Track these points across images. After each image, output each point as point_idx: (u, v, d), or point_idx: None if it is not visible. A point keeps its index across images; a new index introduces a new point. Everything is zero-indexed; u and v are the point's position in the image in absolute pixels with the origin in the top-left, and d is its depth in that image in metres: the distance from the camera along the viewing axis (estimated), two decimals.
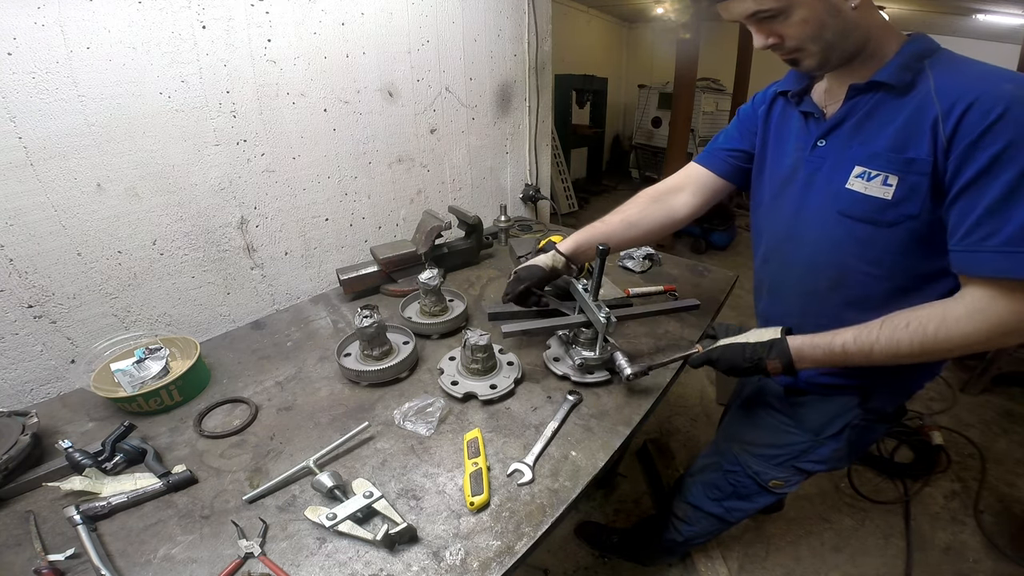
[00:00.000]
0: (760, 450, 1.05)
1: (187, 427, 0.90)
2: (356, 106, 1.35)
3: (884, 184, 0.71)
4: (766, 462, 1.04)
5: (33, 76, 0.85)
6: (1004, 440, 2.14)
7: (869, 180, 0.72)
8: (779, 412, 1.01)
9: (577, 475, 0.79)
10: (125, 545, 0.68)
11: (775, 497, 1.10)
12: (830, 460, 0.98)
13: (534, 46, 1.82)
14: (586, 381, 0.98)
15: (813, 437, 0.96)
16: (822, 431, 0.95)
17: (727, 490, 1.14)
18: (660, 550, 1.44)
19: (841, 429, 0.93)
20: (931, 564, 1.62)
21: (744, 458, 1.08)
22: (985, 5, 3.87)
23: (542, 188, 2.12)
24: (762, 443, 1.05)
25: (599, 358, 0.97)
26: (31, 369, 0.99)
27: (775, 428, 1.02)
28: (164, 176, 1.06)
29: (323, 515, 0.67)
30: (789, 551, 1.67)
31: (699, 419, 2.26)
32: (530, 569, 1.56)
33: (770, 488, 1.06)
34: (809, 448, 0.97)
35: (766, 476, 1.05)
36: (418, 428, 0.87)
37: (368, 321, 0.96)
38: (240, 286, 1.27)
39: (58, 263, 0.97)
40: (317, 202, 1.36)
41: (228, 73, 1.08)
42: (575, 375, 0.99)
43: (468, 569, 0.64)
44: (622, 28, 7.37)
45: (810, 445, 0.97)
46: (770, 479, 1.04)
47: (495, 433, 0.87)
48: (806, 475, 1.02)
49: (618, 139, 7.75)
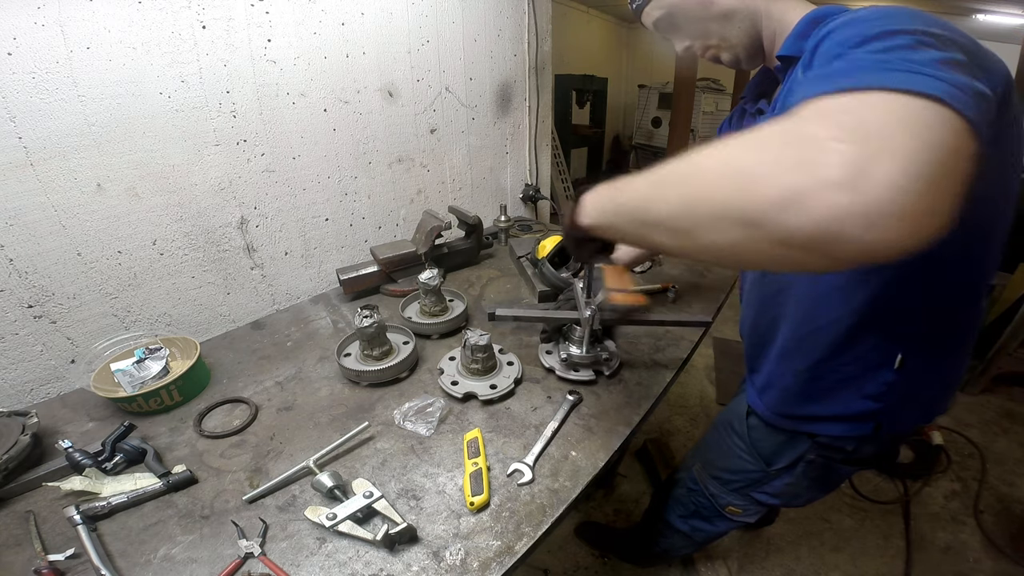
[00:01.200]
0: (717, 472, 1.01)
1: (187, 427, 0.90)
2: (356, 106, 1.35)
3: None
4: (722, 486, 1.00)
5: (33, 76, 0.85)
6: (1004, 440, 2.14)
7: None
8: (736, 435, 0.95)
9: (577, 475, 0.79)
10: (125, 545, 0.68)
11: (734, 524, 1.05)
12: (784, 495, 0.91)
13: (534, 46, 1.82)
14: (569, 377, 0.98)
15: (765, 467, 0.90)
16: (772, 461, 0.88)
17: (690, 508, 1.11)
18: (653, 555, 1.44)
19: (793, 462, 0.85)
20: (931, 564, 1.62)
21: (704, 478, 1.05)
22: (985, 5, 3.87)
23: (542, 188, 2.12)
24: (719, 465, 1.01)
25: (584, 356, 0.98)
26: (31, 369, 0.99)
27: (731, 451, 0.97)
28: (164, 176, 1.06)
29: (323, 515, 0.67)
30: (789, 551, 1.67)
31: (699, 419, 2.26)
32: (530, 569, 1.56)
33: (727, 514, 1.02)
34: (761, 479, 0.92)
35: (723, 500, 1.01)
36: (418, 428, 0.87)
37: (368, 321, 0.96)
38: (240, 286, 1.27)
39: (58, 263, 0.97)
40: (317, 202, 1.36)
41: (228, 73, 1.08)
42: (560, 370, 0.99)
43: (468, 569, 0.64)
44: (622, 28, 7.37)
45: (762, 475, 0.91)
46: (726, 504, 1.01)
47: (495, 433, 0.87)
48: (764, 507, 0.97)
49: (618, 139, 7.75)
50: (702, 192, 0.39)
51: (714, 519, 1.07)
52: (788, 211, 0.32)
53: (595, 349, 0.99)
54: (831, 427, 0.78)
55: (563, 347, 1.02)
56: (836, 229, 0.31)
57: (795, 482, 0.88)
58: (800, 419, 0.82)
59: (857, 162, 0.30)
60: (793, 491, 0.90)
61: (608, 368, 0.99)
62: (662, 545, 1.29)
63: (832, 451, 0.81)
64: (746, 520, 1.03)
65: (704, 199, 0.39)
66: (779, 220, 0.33)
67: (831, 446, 0.80)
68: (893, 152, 0.30)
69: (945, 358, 0.71)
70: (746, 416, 0.92)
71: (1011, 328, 2.20)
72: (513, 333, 1.18)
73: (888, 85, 0.34)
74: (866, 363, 0.70)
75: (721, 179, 0.37)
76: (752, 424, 0.91)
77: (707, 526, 1.10)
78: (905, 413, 0.75)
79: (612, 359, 1.02)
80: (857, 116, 0.33)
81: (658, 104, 6.41)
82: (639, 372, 1.03)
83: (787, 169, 0.33)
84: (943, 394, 0.75)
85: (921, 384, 0.71)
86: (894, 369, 0.68)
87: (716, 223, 0.37)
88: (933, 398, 0.75)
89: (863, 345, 0.69)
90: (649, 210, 0.45)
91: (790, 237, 0.33)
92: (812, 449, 0.82)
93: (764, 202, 0.33)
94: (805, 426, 0.81)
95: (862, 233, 0.30)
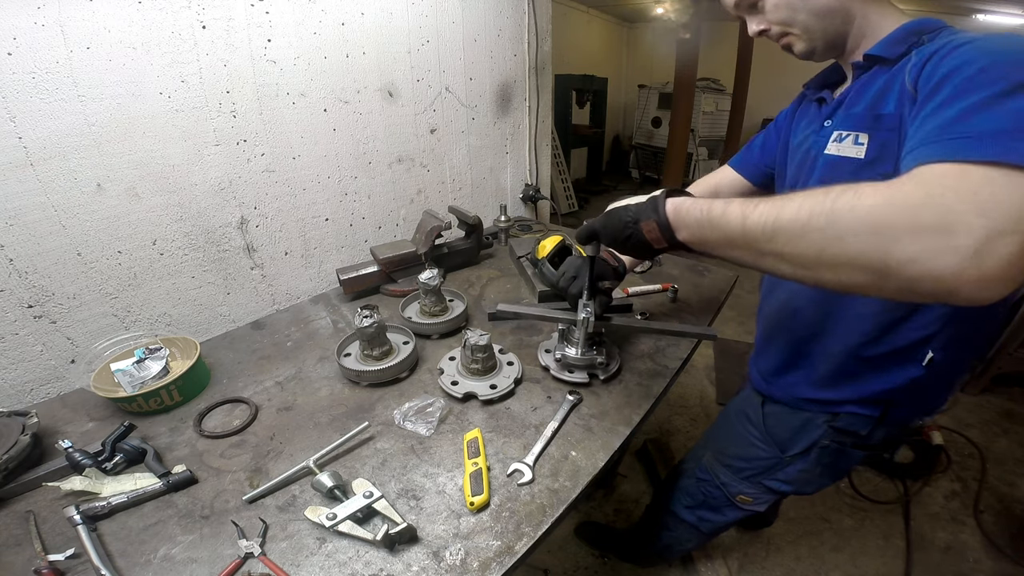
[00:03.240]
0: (729, 460, 1.02)
1: (187, 427, 0.90)
2: (356, 106, 1.35)
3: (856, 144, 0.68)
4: (734, 474, 1.01)
5: (33, 76, 0.85)
6: (1004, 440, 2.14)
7: (841, 141, 0.71)
8: (750, 423, 0.97)
9: (577, 475, 0.79)
10: (125, 545, 0.68)
11: (744, 513, 1.06)
12: (798, 482, 0.93)
13: (534, 46, 1.82)
14: (563, 378, 0.98)
15: (779, 453, 0.92)
16: (787, 447, 0.90)
17: (698, 498, 1.12)
18: (653, 553, 1.44)
19: (808, 448, 0.88)
20: (931, 564, 1.62)
21: (715, 467, 1.06)
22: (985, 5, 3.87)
23: (542, 188, 2.12)
24: (731, 453, 1.02)
25: (579, 358, 0.97)
26: (31, 369, 0.99)
27: (744, 439, 0.98)
28: (164, 176, 1.06)
29: (323, 515, 0.67)
30: (789, 551, 1.67)
31: (699, 419, 2.26)
32: (530, 569, 1.56)
33: (737, 503, 1.03)
34: (775, 465, 0.94)
35: (734, 489, 1.02)
36: (418, 428, 0.87)
37: (368, 321, 0.96)
38: (240, 286, 1.27)
39: (58, 263, 0.97)
40: (317, 202, 1.36)
41: (228, 73, 1.08)
42: (555, 369, 0.99)
43: (468, 569, 0.64)
44: (622, 28, 7.37)
45: (776, 462, 0.93)
46: (737, 493, 1.02)
47: (495, 433, 0.87)
48: (776, 495, 0.99)
49: (618, 139, 7.75)
50: (838, 241, 0.43)
51: (724, 508, 1.07)
52: (918, 267, 0.39)
53: (591, 352, 0.98)
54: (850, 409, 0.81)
55: (560, 347, 1.02)
56: (954, 287, 0.38)
57: (809, 468, 0.90)
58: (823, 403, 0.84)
59: (986, 237, 0.37)
60: (806, 477, 0.92)
61: (604, 372, 0.98)
62: (665, 540, 1.29)
63: (847, 435, 0.83)
64: (756, 509, 1.04)
65: (840, 248, 0.43)
66: (908, 274, 0.40)
67: (846, 431, 0.82)
68: (1015, 231, 0.37)
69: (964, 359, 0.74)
70: (761, 405, 0.94)
71: (1011, 328, 2.20)
72: (513, 333, 1.18)
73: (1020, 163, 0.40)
74: (898, 357, 0.73)
75: (860, 232, 0.42)
76: (768, 412, 0.93)
77: (715, 516, 1.11)
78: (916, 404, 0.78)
79: (610, 363, 1.01)
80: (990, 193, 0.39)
81: (658, 104, 6.42)
82: (639, 372, 1.03)
83: (926, 233, 0.39)
84: (949, 391, 0.79)
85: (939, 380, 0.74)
86: (923, 365, 0.72)
87: (845, 267, 0.43)
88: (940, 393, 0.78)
89: (898, 338, 0.72)
90: (774, 242, 0.49)
91: (913, 288, 0.40)
92: (827, 435, 0.84)
93: (901, 258, 0.40)
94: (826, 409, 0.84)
95: (972, 293, 0.38)
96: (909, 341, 0.72)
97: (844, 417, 0.82)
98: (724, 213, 0.54)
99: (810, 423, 0.86)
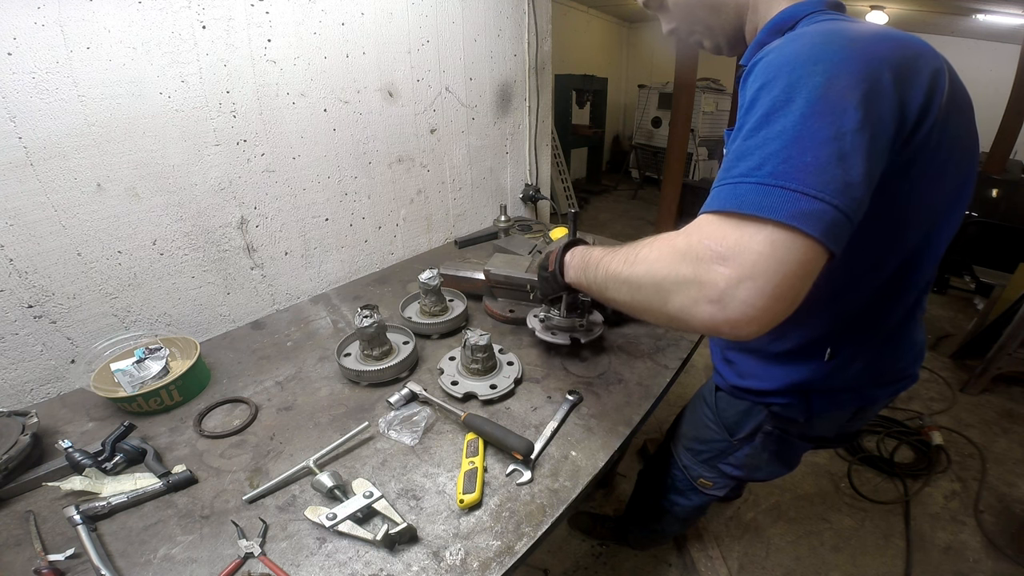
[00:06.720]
0: (689, 443, 1.04)
1: (187, 427, 0.90)
2: (356, 106, 1.35)
3: None
4: (693, 457, 1.03)
5: (33, 76, 0.85)
6: (1004, 440, 2.14)
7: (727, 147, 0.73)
8: (707, 405, 0.99)
9: (577, 475, 0.79)
10: (125, 545, 0.68)
11: (706, 498, 1.07)
12: (747, 467, 0.94)
13: (534, 46, 1.82)
14: (545, 339, 1.04)
15: (729, 437, 0.93)
16: (735, 431, 0.92)
17: (667, 482, 1.14)
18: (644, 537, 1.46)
19: (752, 432, 0.89)
20: (931, 564, 1.62)
21: (677, 450, 1.08)
22: (985, 5, 3.87)
23: (542, 188, 2.12)
24: (691, 436, 1.04)
25: (562, 321, 1.05)
26: (31, 369, 0.99)
27: (701, 422, 1.00)
28: (164, 176, 1.06)
29: (323, 515, 0.67)
30: (789, 551, 1.67)
31: None
32: (530, 569, 1.56)
33: (698, 487, 1.05)
34: (727, 449, 0.95)
35: (694, 472, 1.04)
36: (403, 438, 0.86)
37: (368, 321, 0.96)
38: (240, 286, 1.27)
39: (58, 263, 0.97)
40: (317, 202, 1.36)
41: (228, 73, 1.08)
42: (540, 331, 1.05)
43: (468, 569, 0.64)
44: (622, 28, 7.37)
45: (727, 446, 0.94)
46: (698, 476, 1.03)
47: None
48: (731, 480, 1.00)
49: (618, 139, 7.75)
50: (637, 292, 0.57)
51: (688, 492, 1.09)
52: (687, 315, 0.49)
53: (574, 316, 1.04)
54: (776, 399, 0.83)
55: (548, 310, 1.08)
56: (715, 328, 0.48)
57: (755, 453, 0.91)
58: (754, 392, 0.86)
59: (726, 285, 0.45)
60: (754, 463, 0.93)
61: (585, 337, 1.04)
62: (650, 525, 1.31)
63: (786, 423, 0.85)
64: (716, 494, 1.05)
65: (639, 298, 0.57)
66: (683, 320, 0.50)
67: (783, 416, 0.84)
68: (755, 277, 0.44)
69: (872, 351, 0.75)
70: (715, 389, 0.96)
71: (1011, 328, 2.20)
72: (513, 333, 1.18)
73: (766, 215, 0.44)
74: (802, 353, 0.76)
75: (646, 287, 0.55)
76: (719, 396, 0.95)
77: (683, 500, 1.12)
78: (835, 395, 0.79)
79: (593, 330, 1.06)
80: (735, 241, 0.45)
81: (658, 104, 6.42)
82: (639, 372, 1.03)
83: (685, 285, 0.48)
84: (877, 382, 0.80)
85: (851, 372, 0.76)
86: (824, 360, 0.75)
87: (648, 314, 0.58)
88: (865, 385, 0.79)
89: (798, 336, 0.75)
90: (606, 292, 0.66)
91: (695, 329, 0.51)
92: (768, 420, 0.86)
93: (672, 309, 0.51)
94: (760, 399, 0.86)
95: (730, 332, 0.47)
96: (807, 339, 0.74)
97: (775, 405, 0.84)
98: (588, 256, 0.69)
99: (753, 408, 0.88)
